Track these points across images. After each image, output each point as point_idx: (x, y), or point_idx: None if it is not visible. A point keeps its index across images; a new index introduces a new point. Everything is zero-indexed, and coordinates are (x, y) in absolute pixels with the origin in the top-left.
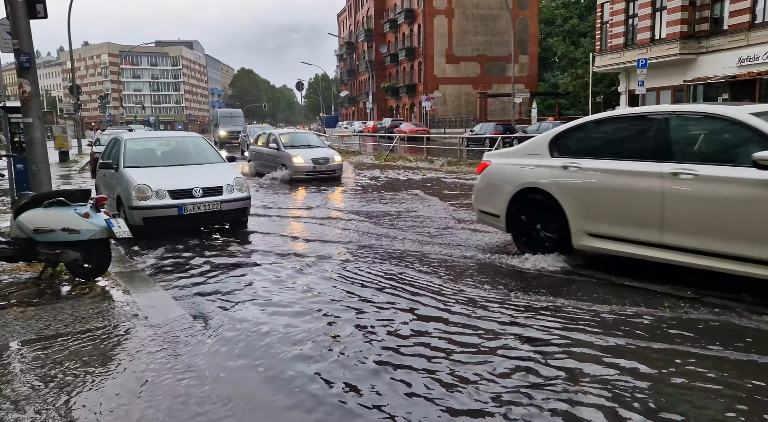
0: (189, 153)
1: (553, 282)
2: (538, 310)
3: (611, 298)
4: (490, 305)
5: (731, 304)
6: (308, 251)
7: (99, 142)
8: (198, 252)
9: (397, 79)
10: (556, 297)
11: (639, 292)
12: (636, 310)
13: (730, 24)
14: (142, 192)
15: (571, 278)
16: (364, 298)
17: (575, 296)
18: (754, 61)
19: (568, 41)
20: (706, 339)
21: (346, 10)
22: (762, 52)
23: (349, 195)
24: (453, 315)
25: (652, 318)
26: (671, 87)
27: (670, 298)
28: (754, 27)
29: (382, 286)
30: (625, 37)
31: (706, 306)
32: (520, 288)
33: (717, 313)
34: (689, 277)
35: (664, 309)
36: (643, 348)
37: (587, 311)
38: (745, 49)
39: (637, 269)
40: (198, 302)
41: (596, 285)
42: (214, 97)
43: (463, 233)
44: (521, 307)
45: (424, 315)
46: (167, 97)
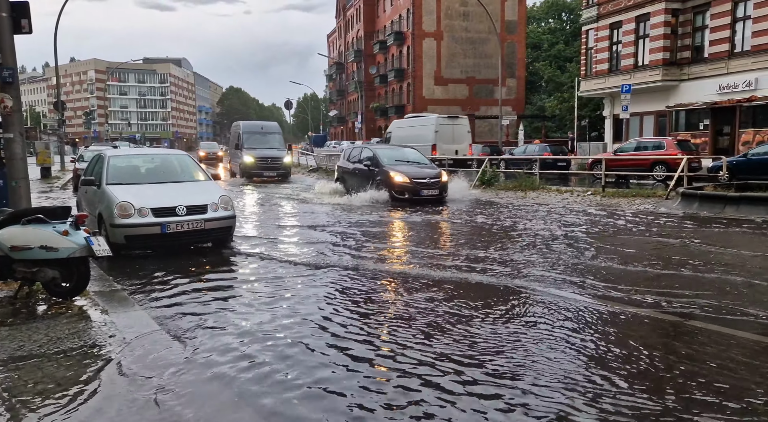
0: (174, 170)
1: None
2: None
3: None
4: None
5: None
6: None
7: (82, 158)
8: (180, 271)
9: (386, 99)
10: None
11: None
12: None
13: (710, 52)
14: (125, 209)
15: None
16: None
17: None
18: (734, 89)
19: (554, 66)
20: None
21: (336, 31)
22: (741, 80)
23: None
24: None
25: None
26: (654, 112)
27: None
28: (733, 56)
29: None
30: (610, 62)
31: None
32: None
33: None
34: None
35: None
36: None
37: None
38: (725, 76)
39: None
40: (178, 322)
41: None
42: (201, 115)
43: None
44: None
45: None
46: (154, 114)
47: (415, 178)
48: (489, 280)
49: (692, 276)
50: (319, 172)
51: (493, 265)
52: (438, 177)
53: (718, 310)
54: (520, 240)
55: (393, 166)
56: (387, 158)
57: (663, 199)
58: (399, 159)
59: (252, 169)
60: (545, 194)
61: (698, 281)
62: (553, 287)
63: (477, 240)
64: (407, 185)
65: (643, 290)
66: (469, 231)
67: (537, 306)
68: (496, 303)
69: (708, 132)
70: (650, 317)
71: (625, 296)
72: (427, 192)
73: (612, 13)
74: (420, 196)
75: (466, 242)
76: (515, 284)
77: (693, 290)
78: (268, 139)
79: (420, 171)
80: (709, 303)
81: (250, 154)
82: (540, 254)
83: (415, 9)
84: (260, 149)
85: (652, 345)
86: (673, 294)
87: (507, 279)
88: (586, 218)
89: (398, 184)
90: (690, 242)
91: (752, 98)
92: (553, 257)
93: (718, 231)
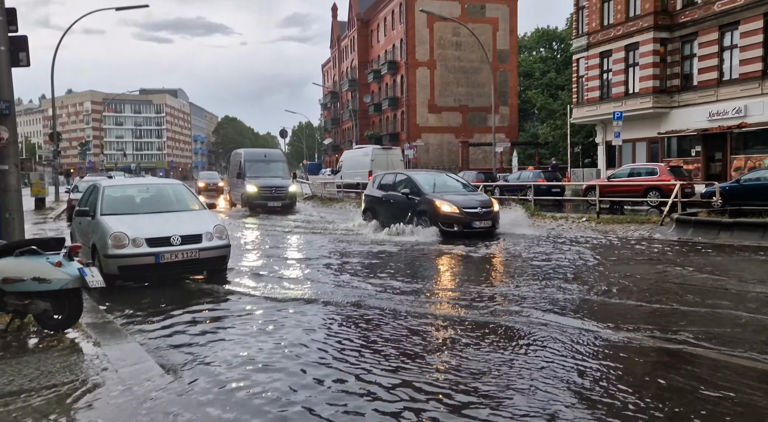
0: (169, 200)
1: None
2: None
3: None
4: None
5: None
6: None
7: (77, 188)
8: (174, 301)
9: (381, 127)
10: None
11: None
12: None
13: (699, 80)
14: (119, 240)
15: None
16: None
17: None
18: (724, 116)
19: (546, 93)
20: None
21: (331, 61)
22: (731, 107)
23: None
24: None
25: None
26: (646, 138)
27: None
28: (722, 83)
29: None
30: (601, 90)
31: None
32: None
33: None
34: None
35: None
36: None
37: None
38: (715, 104)
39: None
40: (172, 354)
41: None
42: (197, 144)
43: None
44: None
45: None
46: (149, 143)
47: (465, 208)
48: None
49: (693, 308)
50: (314, 199)
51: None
52: (489, 206)
53: (723, 342)
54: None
55: (437, 195)
56: (428, 185)
57: (658, 225)
58: (440, 185)
59: (255, 199)
60: (540, 221)
61: (700, 313)
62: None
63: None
64: (456, 216)
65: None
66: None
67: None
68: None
69: (700, 158)
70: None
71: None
72: (479, 223)
73: (602, 42)
74: (471, 228)
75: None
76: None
77: (697, 324)
78: (272, 167)
79: (469, 199)
80: (710, 333)
81: (254, 183)
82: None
83: (408, 39)
84: (264, 178)
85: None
86: (688, 329)
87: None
88: (583, 246)
89: (446, 215)
90: (689, 270)
91: (742, 125)
92: (559, 291)
93: (717, 258)
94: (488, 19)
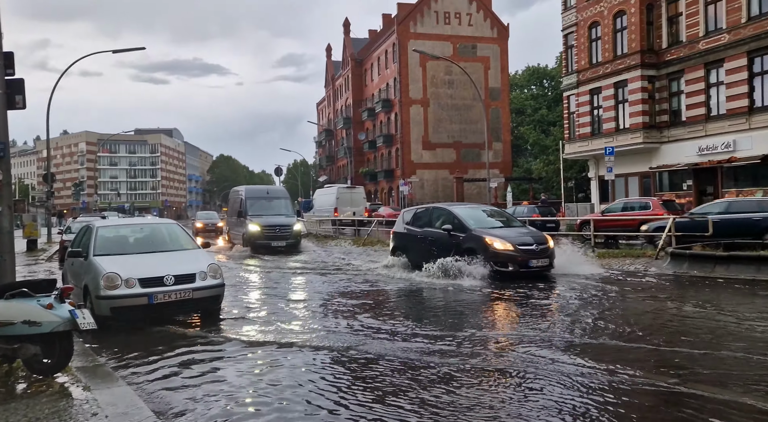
0: (162, 239)
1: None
2: None
3: None
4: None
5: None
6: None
7: (70, 229)
8: (167, 343)
9: (375, 164)
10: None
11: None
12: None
13: (688, 116)
14: (111, 281)
15: None
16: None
17: None
18: (714, 151)
19: (538, 130)
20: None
21: (326, 100)
22: (720, 142)
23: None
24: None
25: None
26: (638, 173)
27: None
28: (710, 119)
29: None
30: (592, 126)
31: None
32: None
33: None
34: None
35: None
36: None
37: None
38: (704, 139)
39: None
40: (164, 397)
41: None
42: (191, 183)
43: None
44: None
45: None
46: (143, 183)
47: (520, 245)
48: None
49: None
50: (309, 237)
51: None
52: (545, 242)
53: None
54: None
55: (486, 230)
56: (473, 220)
57: (653, 259)
58: (481, 220)
59: (258, 239)
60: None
61: (711, 355)
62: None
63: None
64: (511, 254)
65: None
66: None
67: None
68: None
69: (692, 192)
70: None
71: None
72: (536, 262)
73: (591, 80)
74: (528, 267)
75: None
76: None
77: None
78: (275, 204)
79: (521, 235)
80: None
81: (256, 222)
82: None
83: (402, 78)
84: (267, 216)
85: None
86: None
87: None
88: (582, 281)
89: (499, 253)
90: (691, 307)
91: (732, 159)
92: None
93: (715, 293)
94: (479, 58)
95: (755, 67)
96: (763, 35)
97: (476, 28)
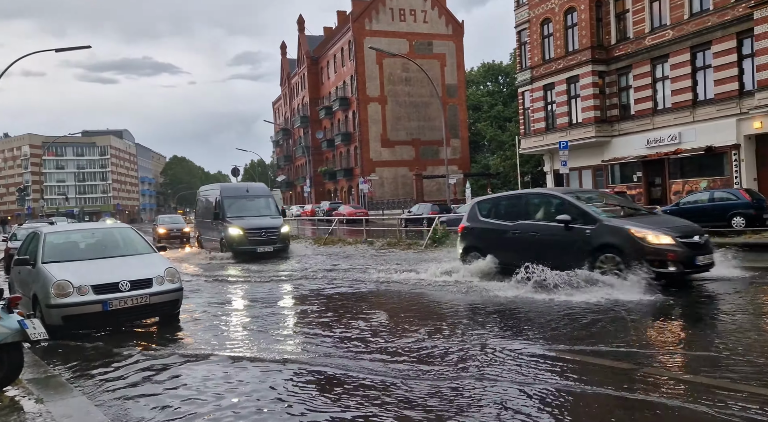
0: (116, 244)
1: None
2: None
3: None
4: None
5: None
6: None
7: (15, 236)
8: (123, 351)
9: (334, 163)
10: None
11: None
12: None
13: (636, 110)
14: (62, 288)
15: None
16: None
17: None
18: (661, 143)
19: (495, 126)
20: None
21: (282, 98)
22: (666, 134)
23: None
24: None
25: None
26: (591, 166)
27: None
28: (657, 113)
29: None
30: (546, 121)
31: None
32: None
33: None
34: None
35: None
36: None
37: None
38: (652, 132)
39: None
40: (122, 407)
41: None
42: (144, 186)
43: None
44: None
45: None
46: (93, 187)
47: (680, 237)
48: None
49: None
50: None
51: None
52: (702, 232)
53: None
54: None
55: (624, 220)
56: (601, 210)
57: None
58: (606, 207)
59: (241, 245)
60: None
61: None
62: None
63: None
64: (672, 249)
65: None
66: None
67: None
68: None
69: (641, 183)
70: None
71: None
72: (703, 259)
73: (544, 76)
74: (695, 266)
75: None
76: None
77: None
78: (258, 204)
79: (671, 224)
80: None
81: (237, 225)
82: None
83: (359, 76)
84: (249, 218)
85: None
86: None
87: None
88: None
89: (657, 249)
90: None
91: (678, 151)
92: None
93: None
94: (436, 55)
95: (698, 61)
96: (704, 31)
97: (431, 25)
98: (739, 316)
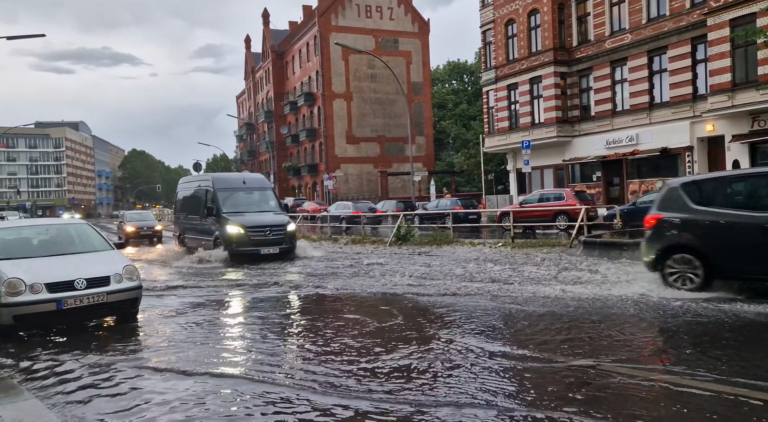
0: (72, 241)
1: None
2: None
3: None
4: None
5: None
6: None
7: None
8: (80, 351)
9: (299, 159)
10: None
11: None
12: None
13: (596, 111)
14: (14, 287)
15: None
16: None
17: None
18: (619, 144)
19: (459, 124)
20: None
21: (246, 93)
22: (624, 136)
23: None
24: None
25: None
26: (553, 165)
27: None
28: (616, 114)
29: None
30: (510, 120)
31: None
32: None
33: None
34: None
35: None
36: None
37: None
38: (611, 133)
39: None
40: (77, 410)
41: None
42: (101, 180)
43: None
44: None
45: None
46: (47, 180)
47: None
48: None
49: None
50: None
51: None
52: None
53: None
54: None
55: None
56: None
57: (567, 248)
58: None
59: (241, 246)
60: (460, 247)
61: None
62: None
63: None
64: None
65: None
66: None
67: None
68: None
69: (601, 183)
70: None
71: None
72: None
73: (508, 76)
74: None
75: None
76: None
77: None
78: (257, 197)
79: None
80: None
81: (236, 222)
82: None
83: (324, 71)
84: (250, 214)
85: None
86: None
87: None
88: (509, 274)
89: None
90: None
91: (635, 152)
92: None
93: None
94: (401, 52)
95: (654, 65)
96: (661, 36)
97: (398, 22)
98: None
